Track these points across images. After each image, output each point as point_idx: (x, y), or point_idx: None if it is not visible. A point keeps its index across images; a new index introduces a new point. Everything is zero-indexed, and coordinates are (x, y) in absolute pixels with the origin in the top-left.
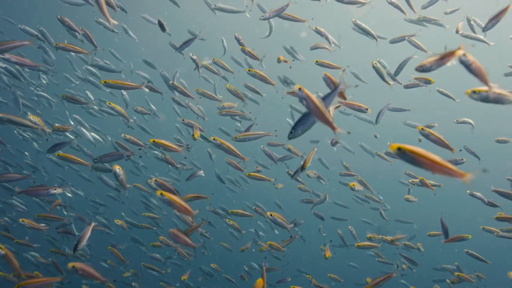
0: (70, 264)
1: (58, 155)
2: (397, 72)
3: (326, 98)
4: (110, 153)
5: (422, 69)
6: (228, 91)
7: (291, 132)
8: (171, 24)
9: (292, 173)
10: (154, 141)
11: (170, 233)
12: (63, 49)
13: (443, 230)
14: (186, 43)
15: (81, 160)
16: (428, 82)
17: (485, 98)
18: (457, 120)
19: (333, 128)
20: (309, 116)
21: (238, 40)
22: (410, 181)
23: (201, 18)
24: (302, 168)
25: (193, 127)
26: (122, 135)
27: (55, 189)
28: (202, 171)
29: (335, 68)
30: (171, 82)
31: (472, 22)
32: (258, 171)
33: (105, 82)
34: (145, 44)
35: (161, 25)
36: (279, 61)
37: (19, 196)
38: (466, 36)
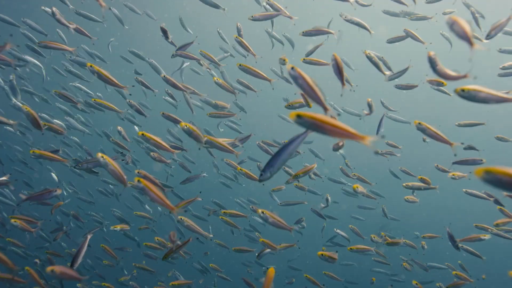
0: (49, 268)
1: (33, 152)
2: (394, 78)
3: (295, 140)
4: (91, 159)
5: (430, 60)
6: (217, 85)
7: (261, 175)
8: (171, 25)
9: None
10: (143, 134)
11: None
12: (47, 47)
13: (451, 240)
14: (182, 48)
15: (58, 157)
16: (440, 84)
17: (474, 97)
18: (458, 123)
19: (325, 109)
20: (277, 158)
21: (238, 31)
22: (404, 184)
23: (202, 19)
24: (295, 176)
25: (173, 121)
26: (118, 127)
27: (55, 191)
28: (203, 173)
29: (324, 64)
30: (163, 75)
31: (476, 15)
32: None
33: (91, 66)
34: (145, 46)
35: (164, 33)
36: (283, 62)
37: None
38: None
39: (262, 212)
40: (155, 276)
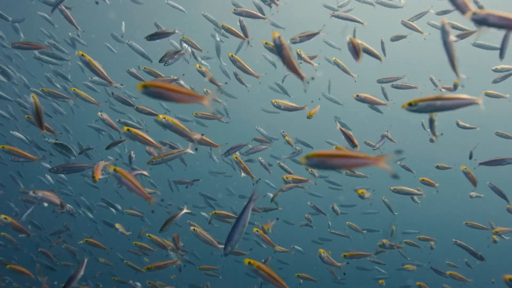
0: None
1: (2, 147)
2: (386, 82)
3: (244, 212)
4: (72, 164)
5: (443, 29)
6: (200, 73)
7: (224, 249)
8: (172, 27)
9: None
10: (128, 130)
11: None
12: (21, 48)
13: (471, 253)
14: (172, 55)
15: (28, 154)
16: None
17: (424, 109)
18: (457, 123)
19: (301, 77)
20: (234, 232)
21: (240, 23)
22: (392, 188)
23: (202, 20)
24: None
25: (148, 114)
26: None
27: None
28: (198, 180)
29: (310, 64)
30: (152, 78)
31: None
32: (264, 166)
33: (82, 55)
34: (144, 46)
35: (154, 36)
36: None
37: None
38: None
39: (268, 229)
40: (156, 276)
